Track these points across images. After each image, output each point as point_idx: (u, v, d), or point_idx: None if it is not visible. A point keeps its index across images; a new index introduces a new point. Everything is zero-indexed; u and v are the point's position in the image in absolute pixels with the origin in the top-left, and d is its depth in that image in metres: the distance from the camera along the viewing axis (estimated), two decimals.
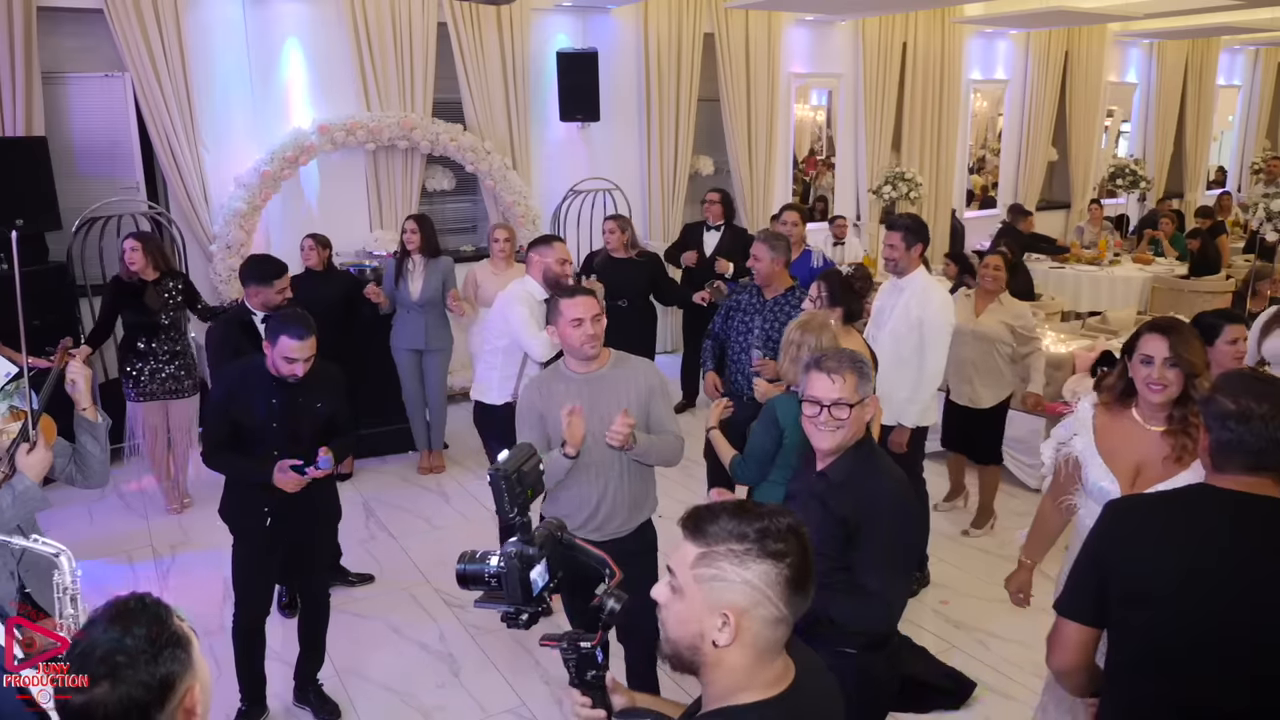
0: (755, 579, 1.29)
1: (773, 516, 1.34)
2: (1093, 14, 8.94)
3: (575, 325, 2.88)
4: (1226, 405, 1.81)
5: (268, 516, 3.22)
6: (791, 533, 1.33)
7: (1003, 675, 3.67)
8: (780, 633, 1.33)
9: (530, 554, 1.72)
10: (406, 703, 3.60)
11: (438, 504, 5.43)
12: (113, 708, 1.30)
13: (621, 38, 7.86)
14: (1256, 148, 14.00)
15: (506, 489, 1.75)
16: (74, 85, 6.01)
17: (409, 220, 5.60)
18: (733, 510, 1.35)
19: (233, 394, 3.21)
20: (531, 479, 1.80)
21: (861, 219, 9.59)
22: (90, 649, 1.32)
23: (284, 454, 3.17)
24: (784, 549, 1.31)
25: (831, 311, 3.63)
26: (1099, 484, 2.47)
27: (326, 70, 6.66)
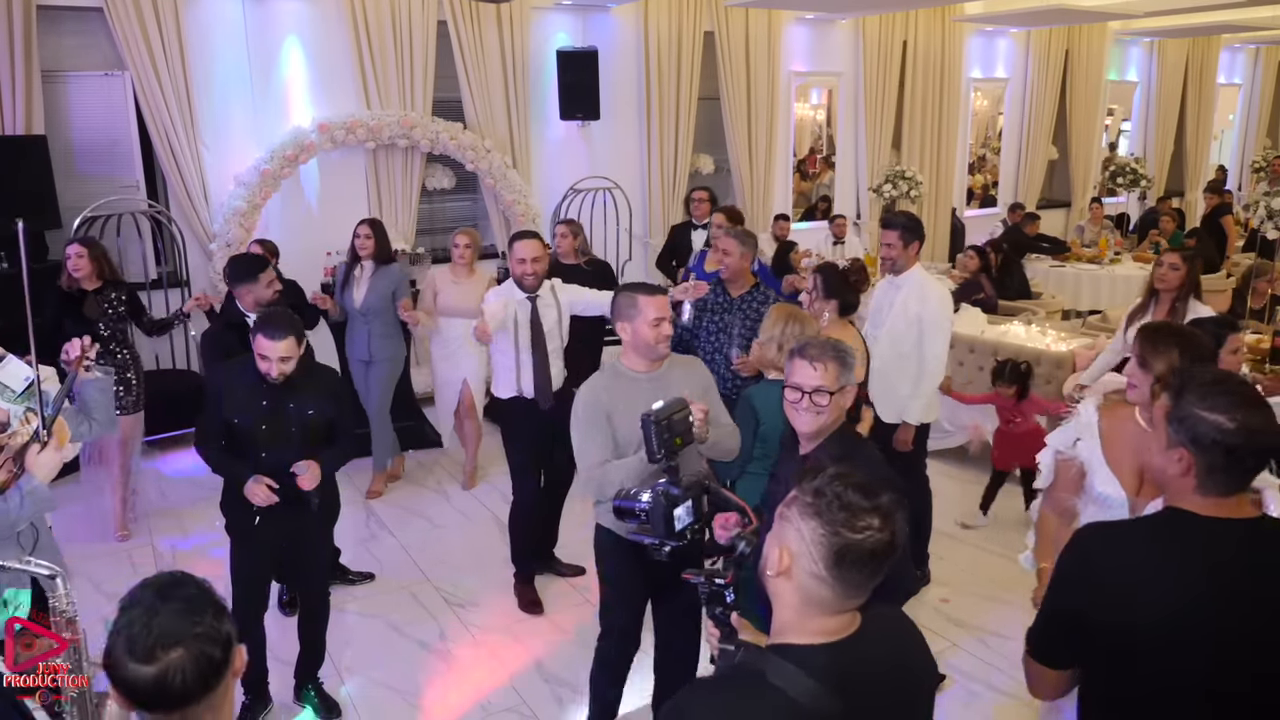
0: (807, 533, 1.40)
1: (867, 495, 1.42)
2: (1093, 12, 8.93)
3: (655, 325, 2.82)
4: (1222, 423, 1.60)
5: (256, 515, 3.20)
6: (874, 513, 1.40)
7: (1003, 673, 3.67)
8: (826, 592, 1.41)
9: (675, 494, 1.95)
10: (407, 701, 3.60)
11: (438, 503, 5.42)
12: (190, 670, 1.31)
13: (621, 36, 7.85)
14: (1257, 146, 14.00)
15: (655, 433, 2.02)
16: (74, 84, 6.00)
17: (362, 224, 5.28)
18: (839, 474, 1.45)
19: (224, 391, 3.20)
20: (680, 428, 2.07)
21: (862, 218, 9.59)
22: (150, 618, 1.33)
23: (271, 457, 3.14)
24: (847, 520, 1.39)
25: (826, 304, 3.65)
26: (1104, 491, 2.41)
27: (326, 68, 6.66)
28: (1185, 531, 1.66)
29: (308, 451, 3.19)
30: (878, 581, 1.42)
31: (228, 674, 1.38)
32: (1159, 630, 1.62)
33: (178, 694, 1.31)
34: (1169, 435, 1.68)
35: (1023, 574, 4.45)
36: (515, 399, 4.18)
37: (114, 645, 1.33)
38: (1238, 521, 1.65)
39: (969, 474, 5.50)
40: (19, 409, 2.66)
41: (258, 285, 4.13)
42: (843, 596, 1.42)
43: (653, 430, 2.00)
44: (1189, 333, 2.44)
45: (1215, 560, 1.63)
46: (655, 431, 2.00)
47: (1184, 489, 1.68)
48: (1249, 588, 1.61)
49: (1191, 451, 1.64)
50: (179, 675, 1.31)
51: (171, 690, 1.31)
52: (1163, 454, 1.70)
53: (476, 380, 5.38)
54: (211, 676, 1.34)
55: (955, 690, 3.60)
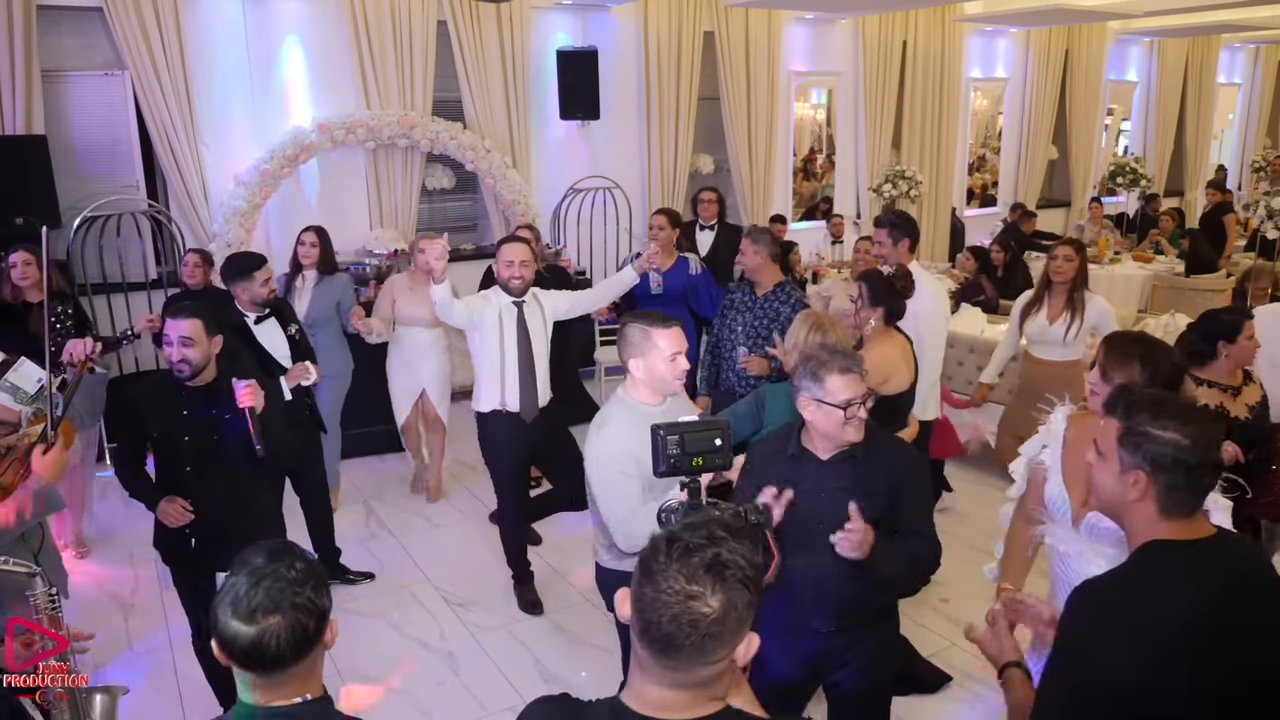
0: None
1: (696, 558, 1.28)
2: (1093, 12, 8.93)
3: (672, 360, 2.66)
4: (1179, 440, 1.55)
5: (190, 539, 3.05)
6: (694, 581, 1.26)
7: None
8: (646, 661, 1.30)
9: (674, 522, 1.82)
10: (407, 701, 3.60)
11: (438, 503, 5.42)
12: (285, 636, 1.43)
13: (621, 36, 7.85)
14: (1257, 146, 14.00)
15: (661, 445, 1.89)
16: (74, 83, 6.01)
17: (307, 232, 5.02)
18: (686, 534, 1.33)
19: (137, 408, 3.04)
20: (701, 447, 1.89)
21: (862, 217, 9.59)
22: (255, 583, 1.43)
23: (196, 469, 2.99)
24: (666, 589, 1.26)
25: (873, 311, 3.57)
26: (1053, 497, 2.41)
27: (326, 68, 6.66)
28: (1171, 570, 1.56)
29: (238, 462, 2.97)
30: (688, 662, 1.25)
31: (319, 644, 1.49)
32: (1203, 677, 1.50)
33: (272, 657, 1.42)
34: (1123, 459, 1.61)
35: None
36: (495, 413, 4.03)
37: (220, 601, 1.44)
38: (1207, 541, 1.59)
39: (969, 474, 5.50)
40: (29, 410, 2.68)
41: (253, 284, 4.05)
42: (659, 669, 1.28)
43: (659, 442, 1.86)
44: (1154, 344, 2.38)
45: (1218, 584, 1.56)
46: (661, 444, 1.86)
47: (1145, 516, 1.61)
48: (1243, 608, 1.55)
49: (1149, 473, 1.58)
50: (274, 640, 1.42)
51: (266, 653, 1.42)
52: (1117, 479, 1.63)
53: (437, 390, 5.26)
54: (304, 644, 1.45)
55: (955, 690, 3.60)
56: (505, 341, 3.97)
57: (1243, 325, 3.20)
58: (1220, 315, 3.36)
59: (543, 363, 4.08)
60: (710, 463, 1.91)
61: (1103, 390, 2.30)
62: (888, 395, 3.43)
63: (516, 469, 4.16)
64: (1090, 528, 2.30)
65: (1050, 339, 4.37)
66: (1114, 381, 2.27)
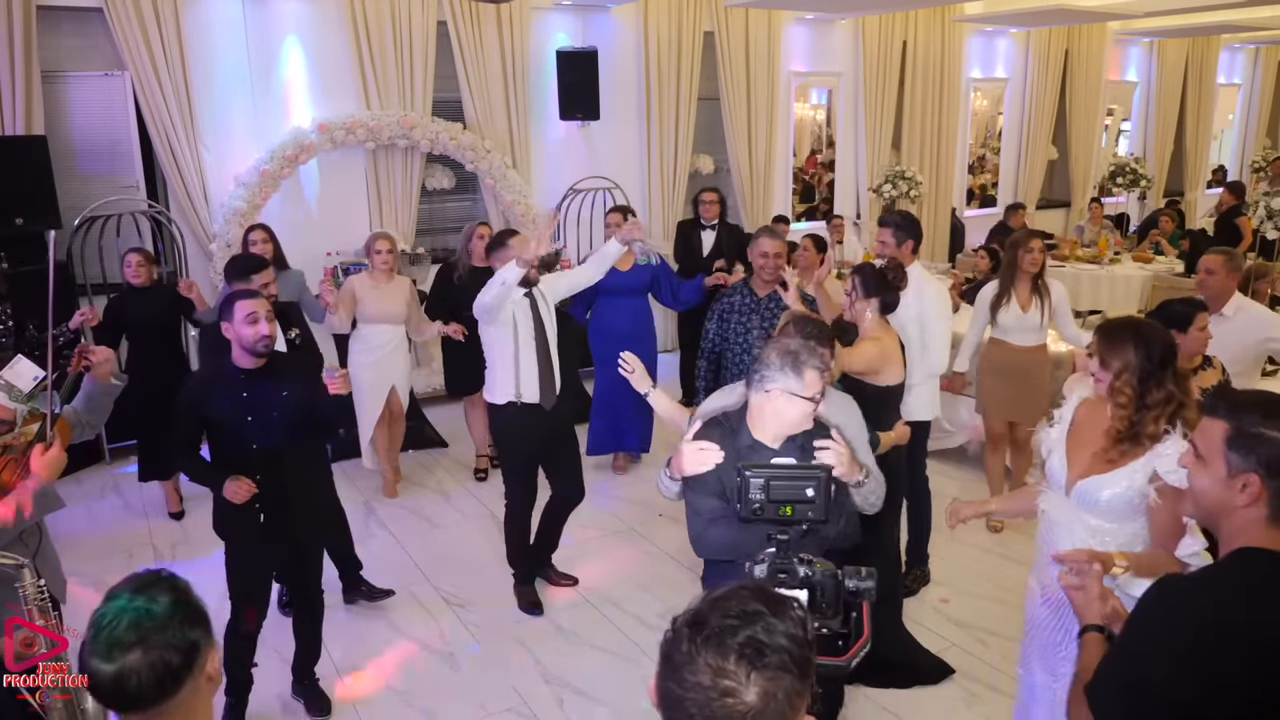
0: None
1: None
2: (1093, 12, 8.93)
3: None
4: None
5: (260, 513, 3.20)
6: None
7: (1002, 673, 3.67)
8: None
9: (758, 575, 1.65)
10: (407, 701, 3.60)
11: (438, 503, 5.42)
12: (145, 674, 1.33)
13: (621, 36, 7.85)
14: (1257, 146, 14.01)
15: (744, 489, 1.73)
16: (74, 84, 6.00)
17: (257, 230, 5.10)
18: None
19: (201, 397, 3.17)
20: (787, 495, 1.71)
21: (862, 218, 9.59)
22: (117, 618, 1.35)
23: (261, 446, 3.15)
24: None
25: (867, 303, 3.59)
26: (1053, 467, 2.55)
27: (326, 69, 6.66)
28: (1271, 573, 1.47)
29: (296, 436, 3.21)
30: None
31: (190, 681, 1.37)
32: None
33: (132, 696, 1.33)
34: (1230, 461, 1.53)
35: (1022, 574, 4.47)
36: (509, 404, 4.08)
37: (87, 637, 1.36)
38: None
39: (969, 474, 5.50)
40: (24, 408, 2.68)
41: (248, 285, 4.05)
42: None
43: (744, 483, 1.71)
44: (1141, 324, 2.48)
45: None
46: (745, 487, 1.71)
47: (1251, 522, 1.51)
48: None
49: (1263, 476, 1.48)
50: (134, 678, 1.33)
51: (127, 691, 1.33)
52: (1222, 484, 1.53)
53: (405, 385, 5.40)
54: (169, 682, 1.35)
55: (955, 690, 3.60)
56: (520, 334, 4.03)
57: (1194, 317, 3.33)
58: (1174, 305, 3.47)
59: (555, 349, 4.17)
60: (799, 514, 1.73)
61: (1105, 377, 2.40)
62: (880, 387, 3.47)
63: (529, 460, 4.20)
64: (1081, 495, 2.41)
65: (1026, 326, 4.63)
66: (1113, 367, 2.37)
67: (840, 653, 1.66)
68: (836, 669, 1.59)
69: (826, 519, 1.80)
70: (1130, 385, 2.33)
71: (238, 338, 3.10)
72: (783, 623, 1.10)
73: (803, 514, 1.75)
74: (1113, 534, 2.38)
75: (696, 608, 1.12)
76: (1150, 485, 2.30)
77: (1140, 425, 2.33)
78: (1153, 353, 2.35)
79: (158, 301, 4.97)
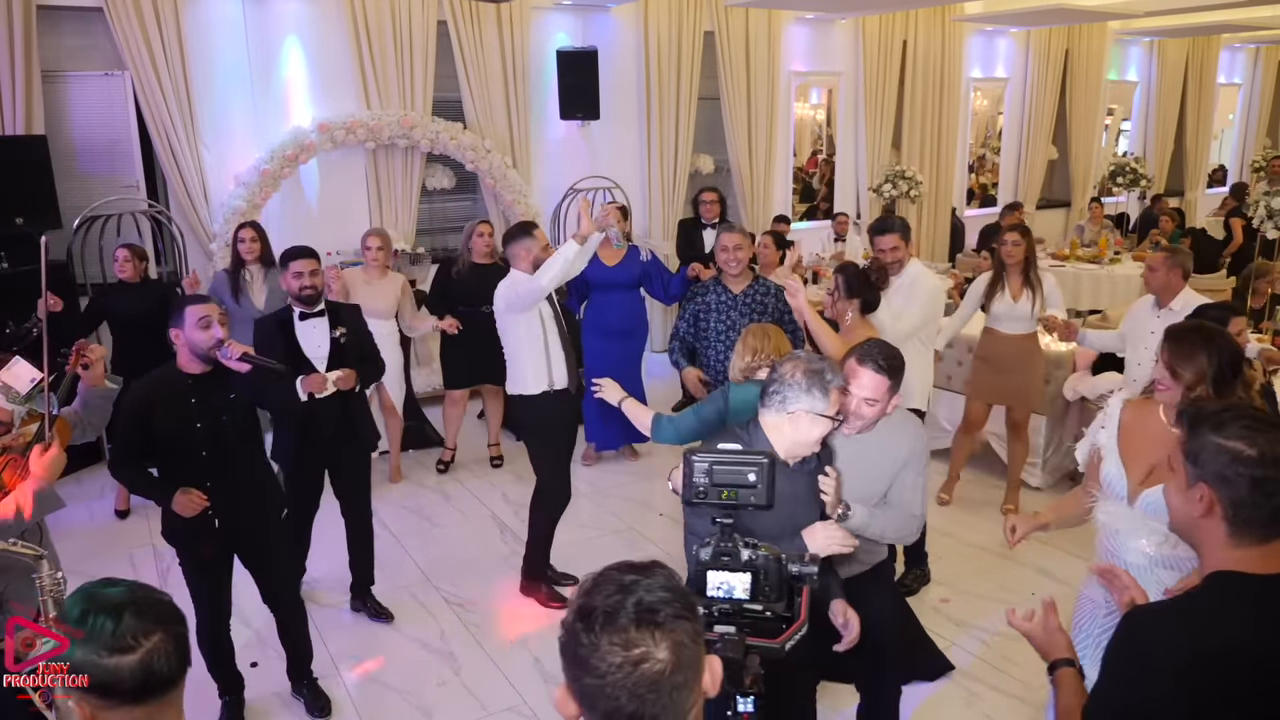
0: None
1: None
2: (1093, 12, 8.93)
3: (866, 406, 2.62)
4: (1242, 451, 1.47)
5: (214, 519, 3.15)
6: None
7: (1002, 673, 3.67)
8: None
9: (704, 558, 1.68)
10: (407, 701, 3.60)
11: (438, 503, 5.42)
12: (172, 652, 1.36)
13: (621, 36, 7.85)
14: (1257, 146, 14.01)
15: (691, 473, 1.77)
16: (74, 84, 6.00)
17: (246, 228, 5.21)
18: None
19: (146, 406, 3.08)
20: (730, 479, 1.74)
21: (862, 217, 9.59)
22: (118, 615, 1.35)
23: (211, 453, 3.10)
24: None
25: (850, 303, 3.68)
26: (1110, 476, 2.48)
27: (326, 68, 6.66)
28: (1239, 604, 1.45)
29: (245, 438, 3.20)
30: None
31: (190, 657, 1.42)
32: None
33: (162, 678, 1.35)
34: (1188, 471, 1.55)
35: (1023, 574, 4.47)
36: (545, 393, 4.11)
37: (80, 653, 1.35)
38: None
39: (969, 474, 5.49)
40: (22, 410, 2.68)
41: (287, 274, 4.05)
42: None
43: (689, 467, 1.74)
44: (1212, 331, 2.42)
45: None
46: (689, 470, 1.74)
47: (1215, 539, 1.52)
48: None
49: (1212, 485, 1.50)
50: (163, 658, 1.35)
51: (156, 674, 1.34)
52: (1184, 495, 1.56)
53: (395, 380, 5.46)
54: (188, 652, 1.39)
55: (955, 690, 3.60)
56: (546, 322, 4.10)
57: (1229, 321, 3.32)
58: (1209, 311, 3.48)
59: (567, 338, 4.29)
60: (742, 498, 1.75)
61: (1174, 387, 2.35)
62: None
63: (568, 448, 4.30)
64: (1147, 503, 2.35)
65: (1017, 315, 4.74)
66: (1184, 378, 2.31)
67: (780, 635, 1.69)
68: (771, 651, 1.60)
69: (769, 504, 1.81)
70: (1208, 394, 2.28)
71: (190, 343, 3.05)
72: (654, 578, 1.15)
73: (745, 498, 1.77)
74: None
75: (578, 604, 1.15)
76: None
77: None
78: (1224, 360, 2.31)
79: (147, 298, 4.97)
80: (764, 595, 1.64)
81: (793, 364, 2.41)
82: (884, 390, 2.59)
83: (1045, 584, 4.36)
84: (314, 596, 4.27)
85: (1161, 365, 2.38)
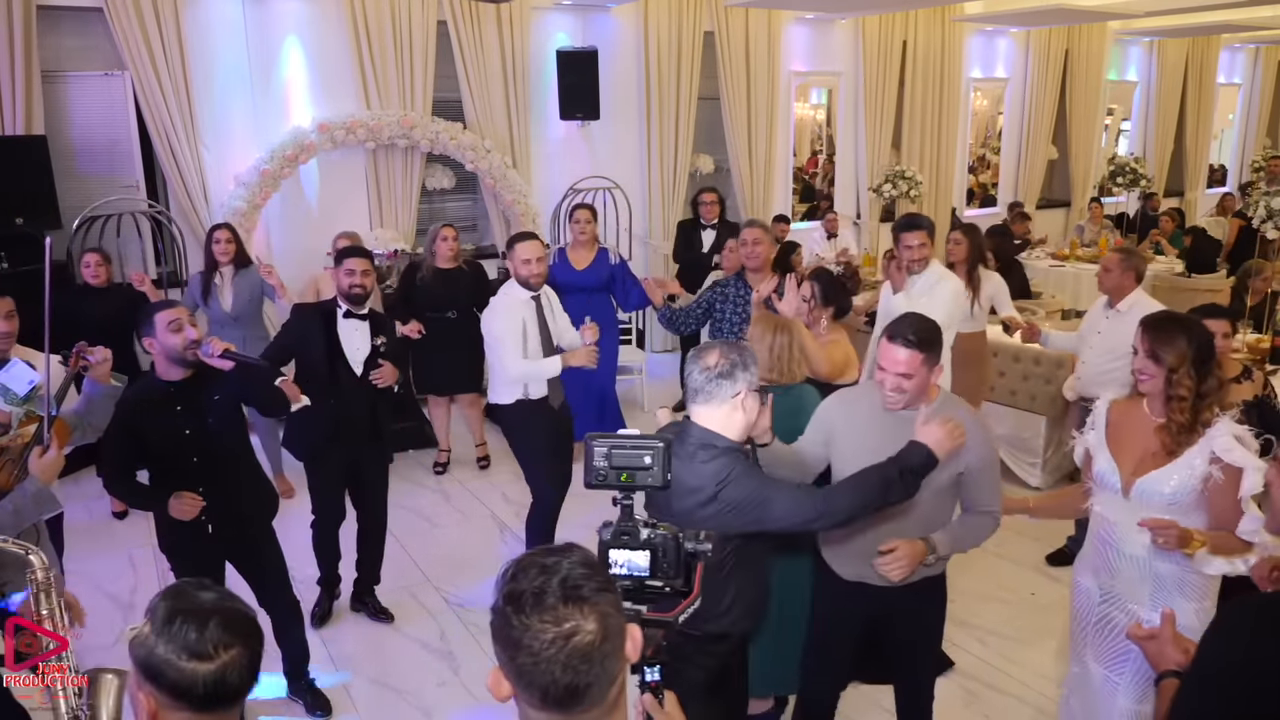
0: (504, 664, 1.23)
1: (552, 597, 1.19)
2: (1093, 12, 8.93)
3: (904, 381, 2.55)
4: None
5: (208, 525, 3.14)
6: (555, 622, 1.18)
7: (1002, 672, 3.67)
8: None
9: (605, 538, 1.75)
10: (407, 701, 3.60)
11: (438, 503, 5.43)
12: (246, 667, 1.41)
13: (621, 36, 7.85)
14: (1257, 146, 14.00)
15: (593, 456, 1.84)
16: (74, 84, 6.01)
17: (221, 230, 5.17)
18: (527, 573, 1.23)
19: (134, 419, 3.07)
20: (627, 462, 1.84)
21: (862, 217, 9.59)
22: (204, 620, 1.38)
23: (201, 458, 3.11)
24: (529, 646, 1.19)
25: (824, 310, 3.77)
26: (1102, 471, 2.57)
27: (326, 69, 6.66)
28: None
29: (232, 438, 3.20)
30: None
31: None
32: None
33: (233, 690, 1.39)
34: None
35: (1022, 574, 4.47)
36: (520, 402, 4.10)
37: (157, 650, 1.37)
38: None
39: None
40: (19, 411, 2.68)
41: (339, 271, 4.06)
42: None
43: (589, 451, 1.83)
44: (1188, 319, 2.52)
45: None
46: (592, 455, 1.83)
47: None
48: None
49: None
50: (236, 672, 1.38)
51: (228, 687, 1.38)
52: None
53: None
54: (259, 669, 1.44)
55: (955, 690, 3.60)
56: (529, 336, 4.08)
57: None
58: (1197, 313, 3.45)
59: (565, 344, 4.22)
60: (639, 480, 1.84)
61: (1156, 373, 2.42)
62: (842, 386, 3.52)
63: (549, 447, 4.21)
64: (1143, 493, 2.45)
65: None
66: (1167, 361, 2.39)
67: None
68: (666, 624, 1.68)
69: (665, 485, 1.89)
70: (1190, 376, 2.37)
71: (165, 349, 3.02)
72: (573, 557, 1.21)
73: (642, 479, 1.86)
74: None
75: (505, 590, 1.20)
76: (1211, 466, 2.34)
77: (1197, 414, 2.38)
78: (1201, 342, 2.41)
79: (114, 302, 4.97)
80: (663, 572, 1.72)
81: (713, 355, 2.36)
82: (918, 364, 2.51)
83: (1045, 584, 4.36)
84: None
85: (1142, 355, 2.45)
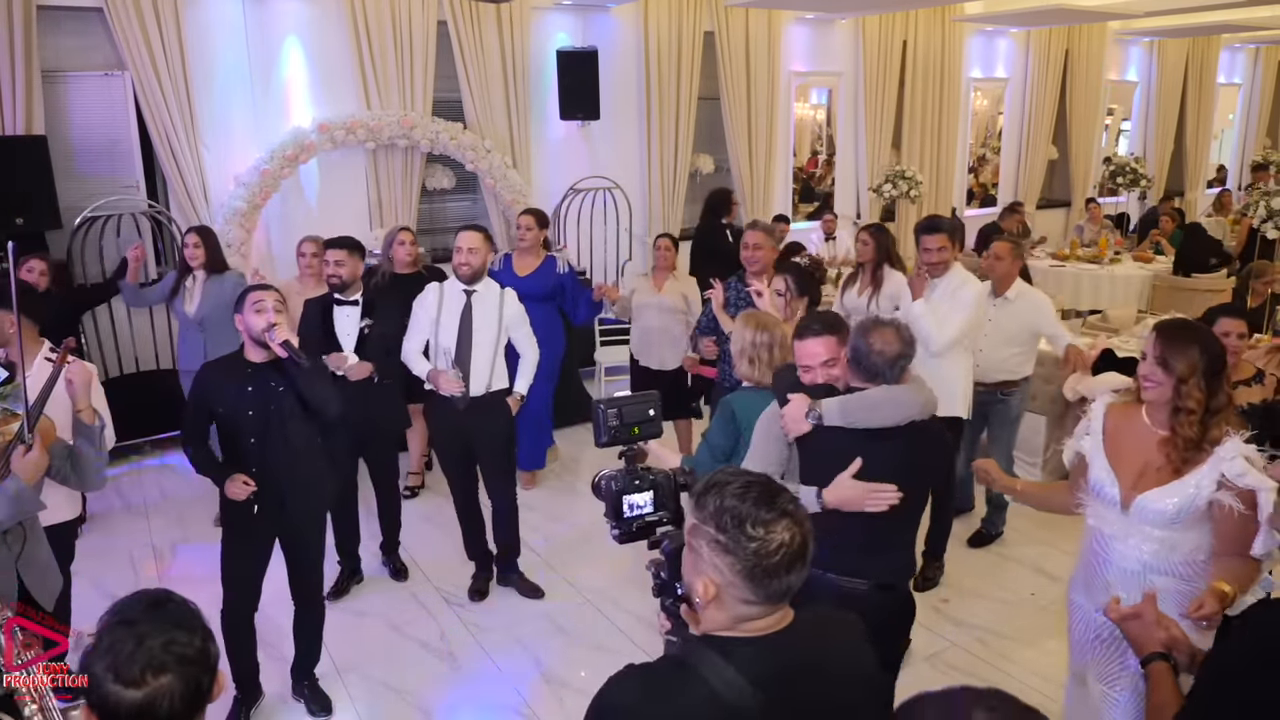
0: (725, 569, 1.39)
1: (769, 504, 1.39)
2: (1093, 12, 8.93)
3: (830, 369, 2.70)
4: None
5: (254, 505, 3.25)
6: (780, 522, 1.38)
7: (1002, 673, 3.67)
8: (755, 609, 1.41)
9: (622, 482, 1.98)
10: (407, 701, 3.60)
11: (438, 503, 5.42)
12: (178, 695, 1.29)
13: (621, 36, 7.85)
14: (1257, 146, 14.00)
15: (603, 419, 2.09)
16: (74, 84, 6.00)
17: (191, 233, 5.07)
18: (732, 490, 1.41)
19: (209, 387, 3.24)
20: (636, 418, 2.12)
21: (862, 218, 9.59)
22: (139, 640, 1.30)
23: (257, 441, 3.21)
24: (759, 549, 1.37)
25: (800, 301, 3.85)
26: (1099, 481, 2.45)
27: (326, 69, 6.66)
28: None
29: (296, 433, 3.25)
30: (805, 574, 1.41)
31: (209, 698, 1.35)
32: None
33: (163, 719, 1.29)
34: None
35: (1021, 573, 4.47)
36: (430, 393, 4.20)
37: (94, 664, 1.30)
38: None
39: None
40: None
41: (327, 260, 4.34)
42: (773, 604, 1.41)
43: (600, 414, 2.08)
44: (1200, 327, 2.42)
45: None
46: (602, 416, 2.08)
47: None
48: None
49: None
50: (166, 701, 1.28)
51: (157, 715, 1.28)
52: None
53: None
54: (198, 703, 1.32)
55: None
56: (442, 324, 4.09)
57: (1216, 320, 3.33)
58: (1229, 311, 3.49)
59: (482, 352, 4.11)
60: (646, 430, 2.12)
61: (1164, 380, 2.29)
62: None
63: (446, 450, 4.31)
64: (1144, 511, 2.33)
65: (858, 310, 4.74)
66: (1177, 370, 2.26)
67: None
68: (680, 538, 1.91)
69: (659, 432, 2.20)
70: (1199, 389, 2.24)
71: (247, 327, 3.17)
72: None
73: (648, 431, 2.15)
74: (1179, 543, 2.32)
75: (738, 506, 1.38)
76: (1220, 492, 2.22)
77: (1206, 430, 2.25)
78: (1214, 354, 2.28)
79: (56, 305, 4.80)
80: (663, 504, 2.02)
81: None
82: (834, 346, 2.66)
83: (1044, 584, 4.36)
84: None
85: (1151, 360, 2.32)
